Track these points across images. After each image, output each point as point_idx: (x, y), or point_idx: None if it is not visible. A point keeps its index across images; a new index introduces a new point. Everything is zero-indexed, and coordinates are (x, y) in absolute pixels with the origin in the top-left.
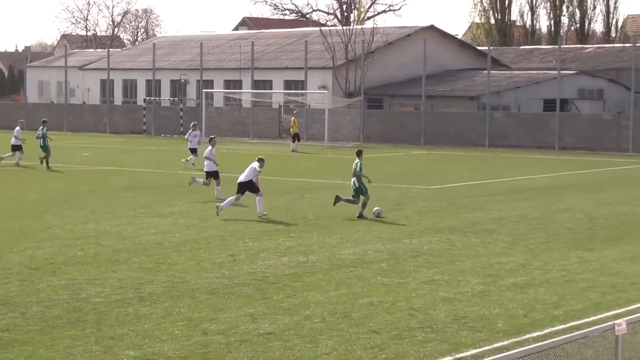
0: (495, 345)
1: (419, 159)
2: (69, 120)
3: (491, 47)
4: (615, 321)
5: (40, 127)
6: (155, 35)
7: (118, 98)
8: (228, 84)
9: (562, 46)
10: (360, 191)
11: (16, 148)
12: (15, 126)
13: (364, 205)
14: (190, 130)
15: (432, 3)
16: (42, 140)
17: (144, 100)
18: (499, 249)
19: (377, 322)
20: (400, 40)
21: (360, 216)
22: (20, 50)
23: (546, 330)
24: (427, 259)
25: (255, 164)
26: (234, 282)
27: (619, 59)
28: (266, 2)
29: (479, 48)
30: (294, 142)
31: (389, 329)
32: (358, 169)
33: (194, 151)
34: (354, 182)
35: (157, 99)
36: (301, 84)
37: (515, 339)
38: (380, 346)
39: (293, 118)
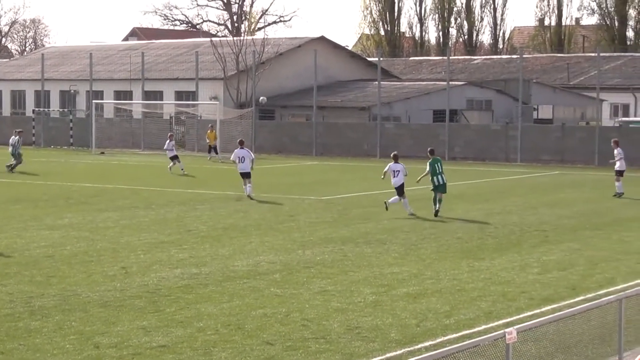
0: (388, 355)
1: (311, 170)
2: None
3: (381, 58)
4: (506, 329)
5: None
6: (44, 46)
7: (6, 109)
8: (118, 95)
9: (450, 57)
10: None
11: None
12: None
13: (440, 201)
14: (167, 141)
15: (322, 14)
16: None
17: (33, 111)
18: (391, 259)
19: (271, 334)
20: (291, 51)
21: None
22: None
23: (438, 340)
24: (320, 270)
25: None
26: (126, 295)
27: (506, 70)
28: (156, 12)
29: (369, 59)
30: (210, 152)
31: (282, 340)
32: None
33: (175, 157)
34: (442, 178)
35: (46, 110)
36: (192, 95)
37: (408, 349)
38: (274, 357)
39: (209, 132)
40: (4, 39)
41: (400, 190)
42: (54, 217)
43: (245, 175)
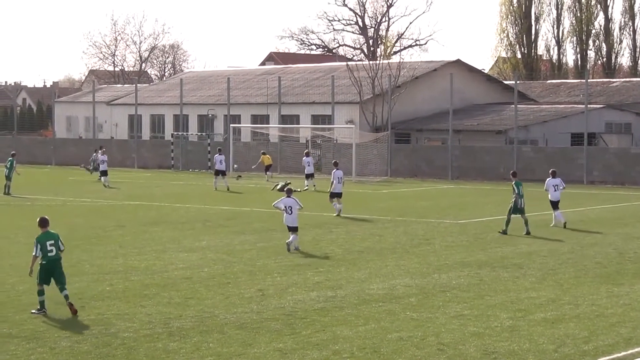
0: None
1: (447, 193)
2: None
3: (518, 81)
4: None
5: (10, 159)
6: (182, 71)
7: (146, 133)
8: (255, 119)
9: (589, 80)
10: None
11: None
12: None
13: (526, 222)
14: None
15: (458, 38)
16: (7, 170)
17: (172, 135)
18: (528, 283)
19: (407, 358)
20: (426, 74)
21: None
22: (48, 85)
23: None
24: (456, 294)
25: None
26: (262, 317)
27: None
28: (292, 37)
29: (505, 82)
30: (266, 172)
31: None
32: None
33: (310, 176)
34: (523, 201)
35: (184, 133)
36: (328, 119)
37: None
38: None
39: (264, 155)
40: (144, 65)
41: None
42: (191, 239)
43: (292, 230)
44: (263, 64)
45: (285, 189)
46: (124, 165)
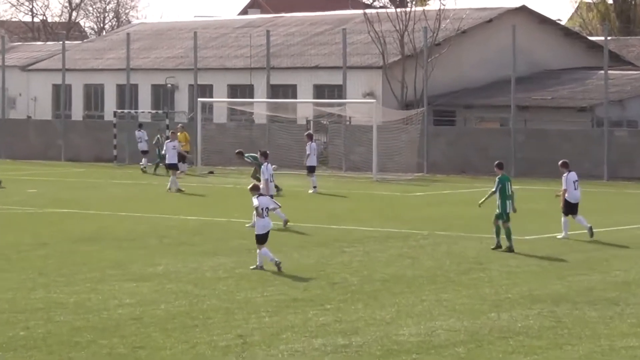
0: None
1: None
2: (7, 142)
3: (609, 37)
4: None
5: None
6: (129, 22)
7: (78, 111)
8: (234, 91)
9: None
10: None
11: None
12: None
13: (509, 233)
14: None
15: None
16: None
17: (115, 114)
18: (626, 327)
19: None
20: (478, 27)
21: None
22: None
23: None
24: (523, 341)
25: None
26: None
27: None
28: None
29: (591, 39)
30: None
31: None
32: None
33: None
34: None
35: (133, 112)
36: (338, 91)
37: None
38: None
39: (180, 133)
40: (74, 14)
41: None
42: (142, 263)
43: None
44: (245, 12)
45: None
46: (46, 156)
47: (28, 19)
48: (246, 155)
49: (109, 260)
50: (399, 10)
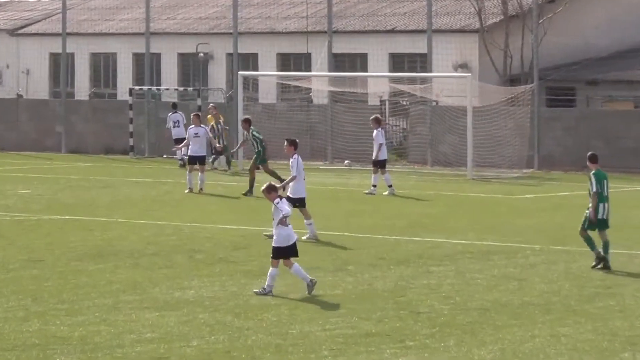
0: None
1: None
2: None
3: None
4: None
5: None
6: None
7: (83, 88)
8: (285, 62)
9: None
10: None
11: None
12: None
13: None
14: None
15: None
16: None
17: (131, 91)
18: None
19: None
20: None
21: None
22: None
23: None
24: None
25: None
26: None
27: None
28: None
29: None
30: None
31: None
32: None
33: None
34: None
35: (154, 89)
36: (421, 61)
37: None
38: None
39: (211, 116)
40: None
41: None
42: (167, 286)
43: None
44: None
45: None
46: (42, 146)
47: None
48: (253, 130)
49: (124, 282)
50: None
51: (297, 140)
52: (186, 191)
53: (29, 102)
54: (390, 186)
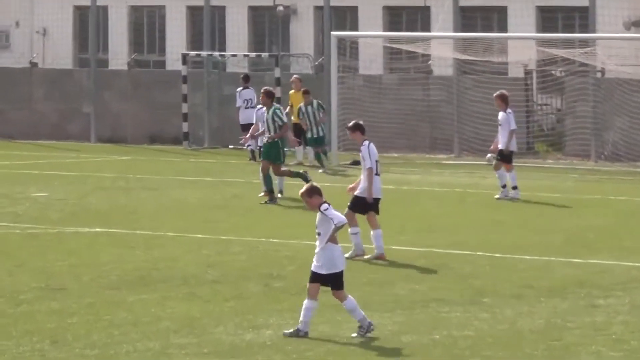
0: None
1: None
2: None
3: None
4: None
5: None
6: None
7: (120, 54)
8: (394, 18)
9: None
10: None
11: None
12: None
13: None
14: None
15: None
16: None
17: (184, 58)
18: None
19: None
20: None
21: None
22: None
23: None
24: None
25: None
26: None
27: None
28: None
29: None
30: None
31: None
32: None
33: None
34: None
35: (217, 55)
36: (581, 18)
37: None
38: None
39: (294, 92)
40: None
41: None
42: (235, 324)
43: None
44: None
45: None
46: (65, 133)
47: None
48: (276, 108)
49: (176, 318)
50: None
51: (362, 123)
52: (261, 194)
53: (46, 73)
54: (514, 188)
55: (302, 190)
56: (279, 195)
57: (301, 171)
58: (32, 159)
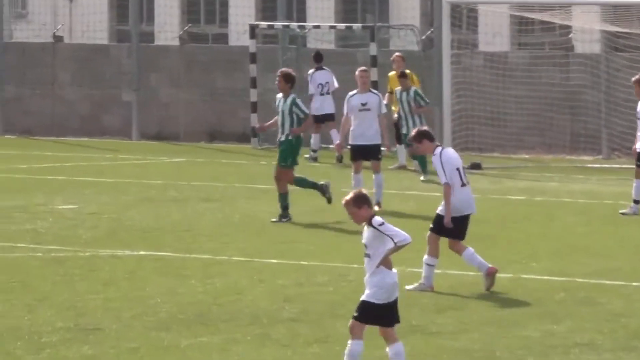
0: None
1: None
2: (8, 97)
3: None
4: None
5: None
6: None
7: (169, 25)
8: None
9: None
10: None
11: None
12: None
13: None
14: None
15: None
16: None
17: (254, 31)
18: None
19: None
20: None
21: None
22: None
23: None
24: None
25: None
26: None
27: None
28: None
29: None
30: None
31: None
32: None
33: None
34: None
35: (297, 27)
36: None
37: None
38: None
39: (393, 73)
40: None
41: None
42: None
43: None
44: None
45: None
46: (99, 128)
47: None
48: (295, 98)
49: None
50: None
51: (427, 130)
52: (374, 207)
53: (74, 49)
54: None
55: (347, 198)
56: (376, 207)
57: (322, 182)
58: (56, 161)
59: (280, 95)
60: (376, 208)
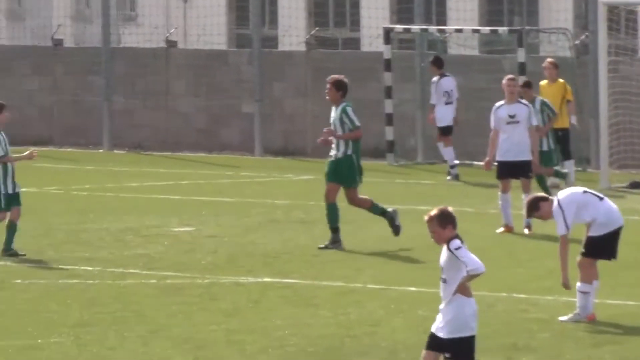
0: None
1: None
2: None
3: None
4: None
5: None
6: None
7: (295, 29)
8: None
9: None
10: None
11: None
12: None
13: None
14: None
15: None
16: None
17: (388, 35)
18: None
19: None
20: None
21: None
22: None
23: None
24: None
25: None
26: None
27: None
28: None
29: None
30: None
31: None
32: None
33: None
34: None
35: (436, 31)
36: None
37: None
38: None
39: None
40: None
41: None
42: None
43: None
44: None
45: None
46: (217, 141)
47: None
48: (347, 105)
49: None
50: None
51: (540, 196)
52: (499, 230)
53: (189, 55)
54: None
55: (432, 214)
56: (526, 231)
57: (390, 209)
58: (170, 179)
59: (334, 106)
60: (525, 231)
